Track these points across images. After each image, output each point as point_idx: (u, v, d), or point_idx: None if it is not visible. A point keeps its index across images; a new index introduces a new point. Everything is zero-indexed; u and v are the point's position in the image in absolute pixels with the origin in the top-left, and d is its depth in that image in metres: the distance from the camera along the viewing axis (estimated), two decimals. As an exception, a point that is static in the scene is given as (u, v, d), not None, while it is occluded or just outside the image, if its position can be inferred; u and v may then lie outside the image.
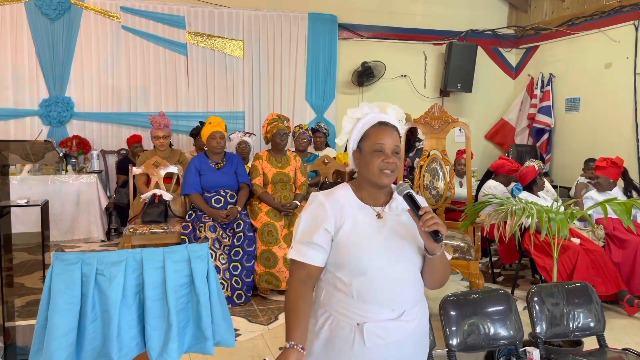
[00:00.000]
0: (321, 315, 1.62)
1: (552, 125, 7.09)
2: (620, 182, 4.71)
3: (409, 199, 1.59)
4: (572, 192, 5.91)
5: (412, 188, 1.71)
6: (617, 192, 4.59)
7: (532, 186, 4.45)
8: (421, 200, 1.71)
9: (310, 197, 1.70)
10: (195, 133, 5.68)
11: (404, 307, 1.59)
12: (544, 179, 4.76)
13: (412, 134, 5.77)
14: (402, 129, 1.75)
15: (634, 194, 4.64)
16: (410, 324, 1.60)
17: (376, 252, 1.58)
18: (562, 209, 3.41)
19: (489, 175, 4.97)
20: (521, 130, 7.52)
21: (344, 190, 1.69)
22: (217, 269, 4.05)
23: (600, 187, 4.58)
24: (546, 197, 4.60)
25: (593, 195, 4.57)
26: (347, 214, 1.62)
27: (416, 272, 1.64)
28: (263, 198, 4.43)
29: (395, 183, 1.70)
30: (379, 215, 1.65)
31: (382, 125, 1.67)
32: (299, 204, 4.49)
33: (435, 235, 1.54)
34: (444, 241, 3.52)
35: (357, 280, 1.57)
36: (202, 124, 4.97)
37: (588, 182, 5.43)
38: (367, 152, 1.65)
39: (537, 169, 4.45)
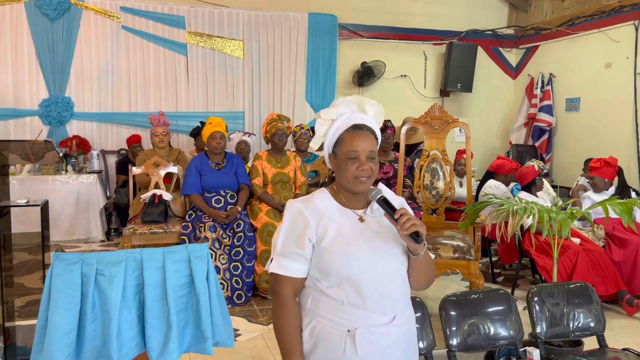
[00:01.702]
0: (308, 324, 1.57)
1: (553, 124, 7.09)
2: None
3: (384, 203, 1.55)
4: (571, 193, 5.91)
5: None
6: (613, 192, 4.59)
7: (530, 187, 4.44)
8: (400, 202, 1.68)
9: (286, 205, 1.64)
10: (195, 133, 5.68)
11: (395, 312, 1.57)
12: (544, 180, 4.76)
13: (414, 146, 5.84)
14: (380, 124, 1.68)
15: (633, 194, 4.64)
16: (401, 328, 1.58)
17: (364, 256, 1.55)
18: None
19: (489, 175, 4.97)
20: (517, 129, 7.51)
21: (322, 195, 1.65)
22: (217, 269, 4.05)
23: (596, 187, 4.59)
24: (545, 198, 4.59)
25: (590, 196, 4.57)
26: (328, 220, 1.58)
27: (404, 273, 1.62)
28: (263, 198, 4.43)
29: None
30: (361, 219, 1.62)
31: (357, 129, 1.60)
32: (298, 204, 4.48)
33: (415, 236, 1.50)
34: (446, 242, 3.49)
35: (346, 286, 1.53)
36: (202, 124, 4.96)
37: (588, 182, 5.43)
38: (341, 159, 1.61)
39: (537, 169, 4.44)
